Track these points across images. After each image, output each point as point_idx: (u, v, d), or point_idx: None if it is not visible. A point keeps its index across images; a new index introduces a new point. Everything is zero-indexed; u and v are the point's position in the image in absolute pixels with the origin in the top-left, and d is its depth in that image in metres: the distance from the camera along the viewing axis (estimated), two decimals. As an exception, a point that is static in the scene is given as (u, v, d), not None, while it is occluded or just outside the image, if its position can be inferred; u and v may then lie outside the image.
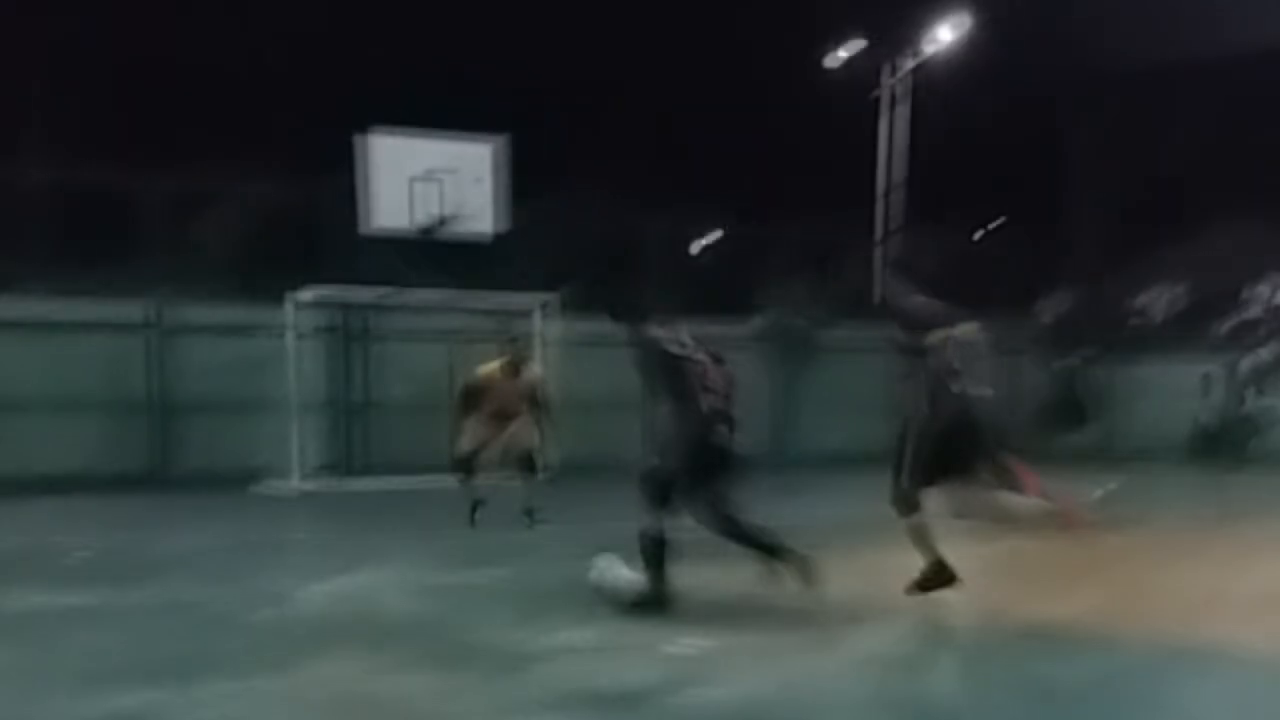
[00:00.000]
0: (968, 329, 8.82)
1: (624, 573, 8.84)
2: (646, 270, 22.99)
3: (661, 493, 8.64)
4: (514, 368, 13.37)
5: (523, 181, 19.54)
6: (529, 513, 13.38)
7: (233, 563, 11.66)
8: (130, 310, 19.43)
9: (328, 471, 19.24)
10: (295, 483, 17.98)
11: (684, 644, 7.65)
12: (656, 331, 8.95)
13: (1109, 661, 7.40)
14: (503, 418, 13.33)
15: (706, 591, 9.54)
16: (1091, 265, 29.10)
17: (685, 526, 8.72)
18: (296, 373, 18.43)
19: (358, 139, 18.58)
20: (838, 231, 30.44)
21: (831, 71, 36.59)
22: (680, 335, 8.94)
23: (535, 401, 13.31)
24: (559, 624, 8.23)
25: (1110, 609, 8.83)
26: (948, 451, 8.54)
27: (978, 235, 33.20)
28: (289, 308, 18.49)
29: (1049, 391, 25.59)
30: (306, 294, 18.57)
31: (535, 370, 13.85)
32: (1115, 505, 16.71)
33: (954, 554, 8.80)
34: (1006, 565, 11.22)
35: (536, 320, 19.06)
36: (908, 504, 8.65)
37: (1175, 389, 24.43)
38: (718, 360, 8.95)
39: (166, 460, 19.41)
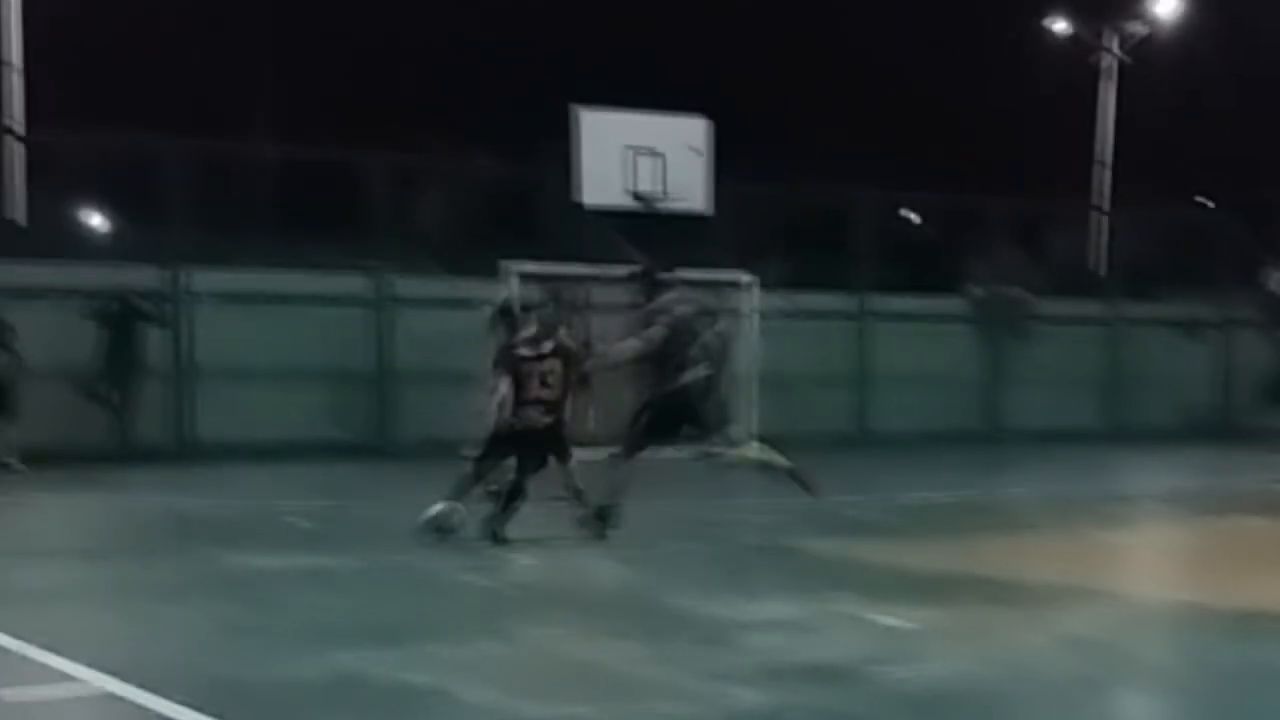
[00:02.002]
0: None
1: (442, 507, 10.46)
2: (853, 246, 22.77)
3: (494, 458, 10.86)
4: (546, 334, 11.58)
5: (730, 159, 19.56)
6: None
7: (449, 529, 11.94)
8: (353, 283, 19.93)
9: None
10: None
11: (890, 619, 7.64)
12: (523, 333, 11.09)
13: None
14: None
15: (911, 567, 9.51)
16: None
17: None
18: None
19: (571, 115, 18.81)
20: (1053, 202, 29.87)
21: (1052, 36, 35.77)
22: (541, 337, 10.93)
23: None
24: (763, 595, 8.29)
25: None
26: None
27: (1200, 206, 32.24)
28: (507, 280, 18.74)
29: (1273, 365, 24.73)
30: (523, 267, 18.80)
31: (567, 339, 11.83)
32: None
33: (1167, 536, 8.62)
34: (1219, 548, 10.94)
35: (749, 296, 19.07)
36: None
37: None
38: (561, 355, 10.90)
39: (386, 429, 19.88)
